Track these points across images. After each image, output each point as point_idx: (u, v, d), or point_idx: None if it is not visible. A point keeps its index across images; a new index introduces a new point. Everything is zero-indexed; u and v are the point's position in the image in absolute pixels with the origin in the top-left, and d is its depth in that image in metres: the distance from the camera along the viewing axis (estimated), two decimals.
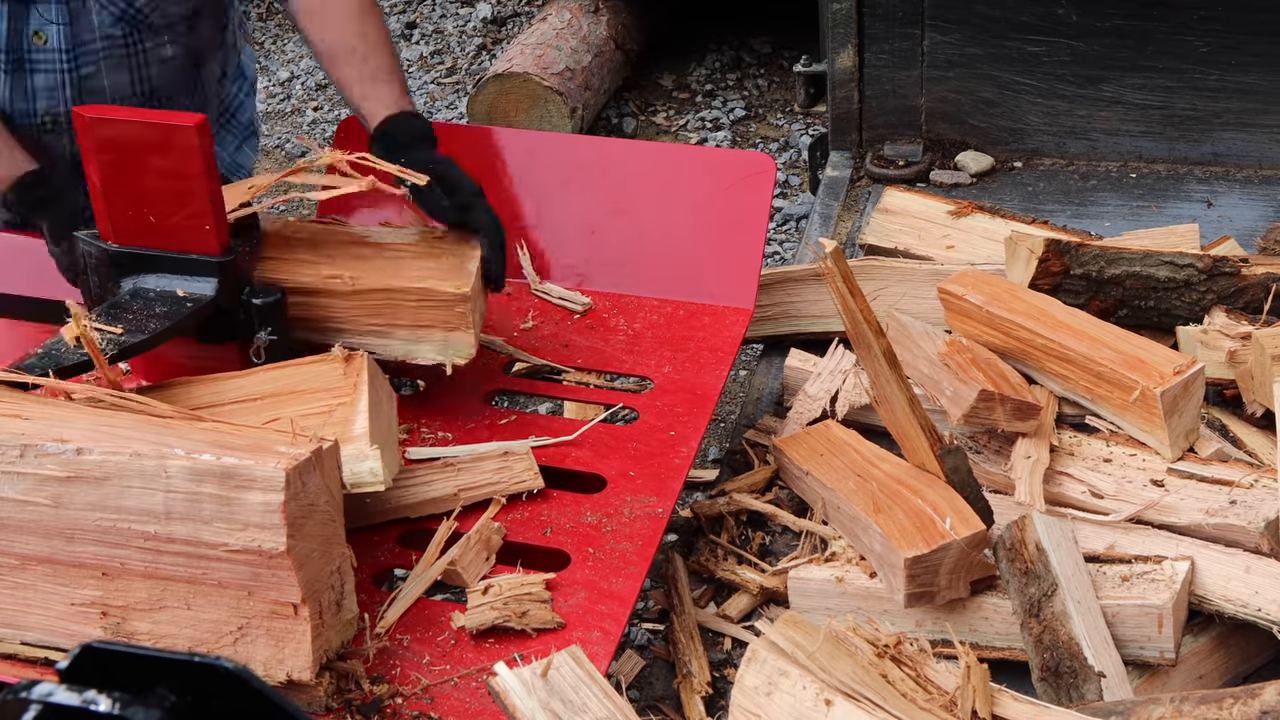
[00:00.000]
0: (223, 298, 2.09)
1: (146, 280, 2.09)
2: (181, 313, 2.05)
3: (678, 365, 2.35)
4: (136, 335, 2.00)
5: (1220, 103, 3.19)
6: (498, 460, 2.11)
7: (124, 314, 2.04)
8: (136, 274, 2.09)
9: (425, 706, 1.81)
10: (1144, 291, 2.41)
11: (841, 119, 3.42)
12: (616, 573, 1.98)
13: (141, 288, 2.09)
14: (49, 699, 1.02)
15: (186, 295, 2.07)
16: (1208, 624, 2.00)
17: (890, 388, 2.07)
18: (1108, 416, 2.22)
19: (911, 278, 2.63)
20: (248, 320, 2.11)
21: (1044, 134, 3.33)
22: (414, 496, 2.07)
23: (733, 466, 2.46)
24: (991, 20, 3.25)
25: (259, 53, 5.95)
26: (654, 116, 5.31)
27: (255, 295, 2.10)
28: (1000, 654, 2.00)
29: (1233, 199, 3.13)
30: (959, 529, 1.95)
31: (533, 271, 2.55)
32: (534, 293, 2.51)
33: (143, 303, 2.06)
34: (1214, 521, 2.01)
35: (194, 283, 2.08)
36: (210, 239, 2.07)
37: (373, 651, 1.84)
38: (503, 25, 5.96)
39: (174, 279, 2.09)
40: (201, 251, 2.08)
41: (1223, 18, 3.12)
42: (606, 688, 1.73)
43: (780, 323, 2.70)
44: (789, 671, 1.75)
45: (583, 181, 2.59)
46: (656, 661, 2.17)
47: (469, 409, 2.27)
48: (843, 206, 3.25)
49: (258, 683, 1.06)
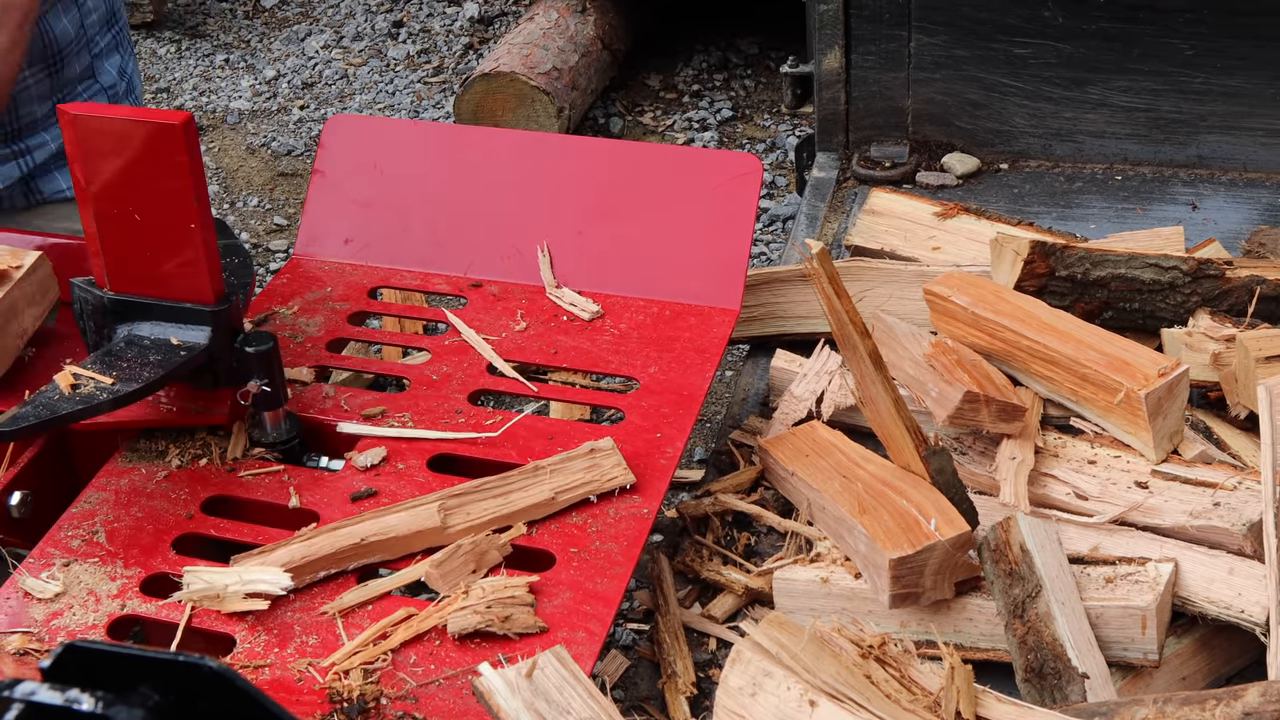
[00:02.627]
0: (216, 345, 2.10)
1: (141, 328, 2.12)
2: (175, 361, 2.08)
3: (663, 366, 2.35)
4: (130, 384, 2.03)
5: (1205, 105, 3.20)
6: (586, 458, 2.10)
7: (118, 361, 2.07)
8: (131, 321, 2.12)
9: (410, 707, 1.81)
10: (1129, 294, 2.42)
11: (828, 120, 3.42)
12: (601, 573, 1.98)
13: (136, 335, 2.11)
14: (31, 698, 1.01)
15: (180, 343, 2.09)
16: (1191, 625, 2.00)
17: (875, 389, 2.07)
18: (1092, 418, 2.23)
19: (897, 279, 2.63)
20: (241, 367, 2.12)
21: (1030, 136, 3.33)
22: (512, 505, 2.06)
23: (718, 467, 2.46)
24: (978, 22, 3.25)
25: (244, 51, 5.94)
26: (641, 117, 5.31)
27: (248, 343, 2.12)
28: (984, 655, 2.00)
29: (1218, 201, 3.14)
30: (944, 530, 1.96)
31: (550, 275, 2.53)
32: (549, 296, 2.49)
33: (137, 350, 2.09)
34: (1198, 523, 2.02)
35: (187, 331, 2.11)
36: (204, 287, 2.08)
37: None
38: (490, 25, 5.95)
39: (168, 326, 2.11)
40: (195, 300, 2.10)
41: (1208, 21, 3.12)
42: (591, 688, 1.73)
43: (766, 323, 2.70)
44: (773, 672, 1.75)
45: (569, 182, 2.59)
46: (641, 662, 2.17)
47: (453, 409, 2.27)
48: (829, 207, 3.25)
49: (242, 682, 1.06)
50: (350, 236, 2.63)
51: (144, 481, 2.16)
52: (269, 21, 6.17)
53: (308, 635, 1.92)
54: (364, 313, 2.55)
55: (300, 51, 5.91)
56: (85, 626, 1.96)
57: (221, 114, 5.52)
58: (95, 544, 2.06)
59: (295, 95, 5.62)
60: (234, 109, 5.54)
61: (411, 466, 2.17)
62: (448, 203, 2.61)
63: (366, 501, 2.11)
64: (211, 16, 6.23)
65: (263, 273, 4.53)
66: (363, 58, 5.83)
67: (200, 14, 6.24)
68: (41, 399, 2.01)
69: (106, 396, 2.01)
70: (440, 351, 2.41)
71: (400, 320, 3.06)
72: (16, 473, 2.14)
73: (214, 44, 6.02)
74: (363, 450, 2.19)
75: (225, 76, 5.79)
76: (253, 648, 1.91)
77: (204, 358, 2.10)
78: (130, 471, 2.18)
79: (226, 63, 5.87)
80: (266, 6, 6.25)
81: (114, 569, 2.02)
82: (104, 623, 1.96)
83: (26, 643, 1.91)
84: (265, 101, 5.60)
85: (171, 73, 5.81)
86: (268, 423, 2.20)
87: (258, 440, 2.21)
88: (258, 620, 1.94)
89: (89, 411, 2.01)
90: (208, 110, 5.56)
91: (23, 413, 1.98)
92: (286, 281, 2.58)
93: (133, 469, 2.18)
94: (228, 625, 1.94)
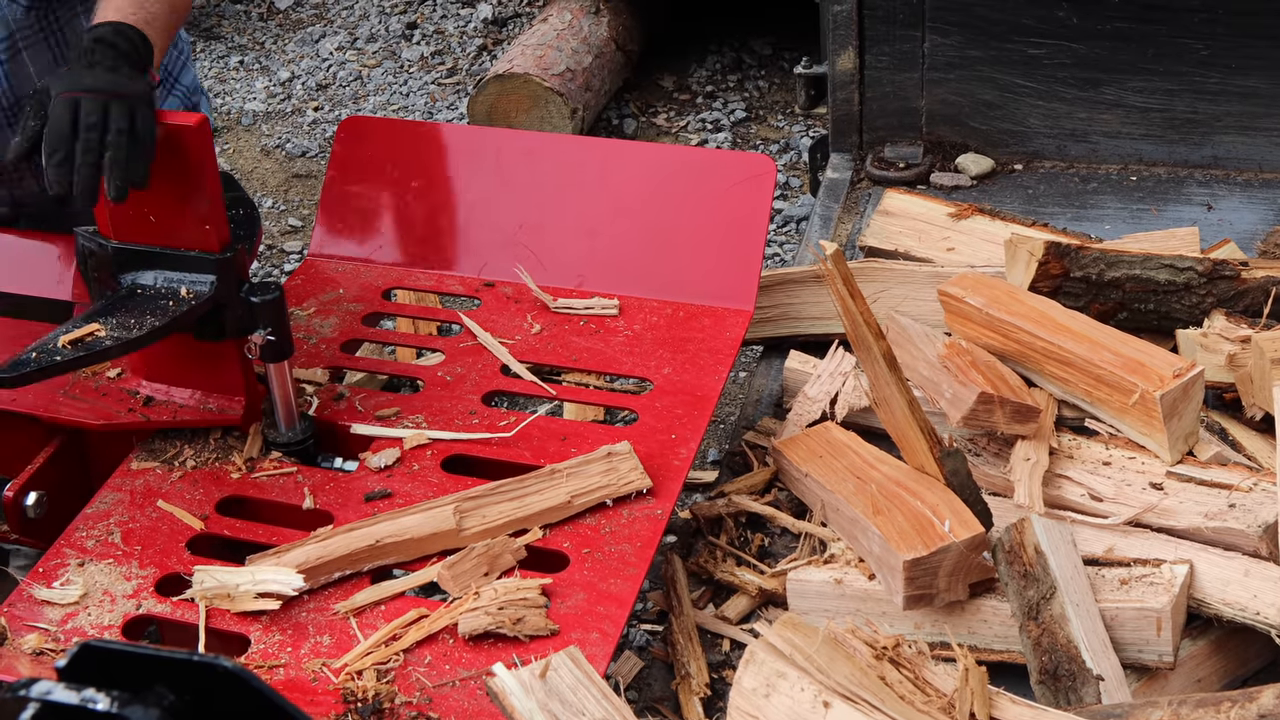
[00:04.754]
0: (221, 294, 2.08)
1: (145, 276, 2.09)
2: (180, 309, 2.05)
3: (677, 367, 2.35)
4: (134, 331, 2.00)
5: (1220, 106, 3.19)
6: (603, 462, 2.10)
7: (122, 310, 2.04)
8: (135, 270, 2.09)
9: (424, 707, 1.81)
10: (1144, 294, 2.41)
11: (842, 121, 3.42)
12: (615, 574, 1.98)
13: (140, 284, 2.09)
14: (47, 697, 1.02)
15: (185, 292, 2.08)
16: (1206, 627, 1.99)
17: (890, 390, 2.07)
18: (1107, 419, 2.22)
19: (911, 280, 2.62)
20: (246, 317, 2.10)
21: (1044, 136, 3.32)
22: (527, 508, 2.06)
23: (732, 468, 2.46)
24: (992, 23, 3.25)
25: (259, 52, 5.95)
26: (654, 118, 5.31)
27: (254, 293, 2.10)
28: (999, 657, 2.00)
29: (1233, 202, 3.13)
30: (958, 531, 1.95)
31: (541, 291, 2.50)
32: (555, 310, 2.47)
33: (141, 299, 2.06)
34: (1213, 525, 2.01)
35: (193, 279, 2.08)
36: (210, 236, 2.07)
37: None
38: (503, 26, 5.96)
39: (173, 275, 2.09)
40: (201, 248, 2.08)
41: (1223, 21, 3.12)
42: (605, 689, 1.74)
43: (780, 324, 2.70)
44: (787, 673, 1.75)
45: (583, 183, 2.59)
46: (655, 663, 2.17)
47: (467, 409, 2.28)
48: (843, 208, 3.25)
49: (256, 682, 1.06)
50: (364, 238, 2.63)
51: (159, 482, 2.17)
52: (283, 23, 6.18)
53: (322, 635, 1.93)
54: (378, 314, 2.55)
55: (315, 53, 5.92)
56: (101, 626, 1.96)
57: (236, 116, 5.53)
58: (110, 544, 2.07)
59: (310, 97, 5.63)
60: (249, 111, 5.55)
61: (426, 467, 2.17)
62: (461, 204, 2.61)
63: (381, 502, 2.11)
64: (226, 18, 6.24)
65: (277, 274, 4.54)
66: (377, 59, 5.83)
67: (215, 16, 6.25)
68: (42, 346, 1.97)
69: (110, 344, 1.98)
70: (454, 352, 2.41)
71: (414, 321, 3.06)
72: (33, 473, 2.15)
73: (228, 46, 6.03)
74: (377, 451, 2.19)
75: (240, 78, 5.80)
76: (267, 647, 1.92)
77: (209, 306, 2.08)
78: (145, 472, 2.18)
79: (241, 64, 5.88)
80: (281, 8, 6.26)
81: (129, 569, 2.03)
82: (119, 622, 1.97)
83: (43, 642, 1.92)
84: (280, 103, 5.60)
85: None
86: (282, 423, 2.20)
87: (273, 441, 2.21)
88: (272, 620, 1.94)
89: (91, 358, 1.98)
90: (222, 112, 5.57)
91: (24, 358, 1.95)
92: (301, 283, 2.58)
93: (147, 469, 2.19)
94: (242, 625, 1.95)
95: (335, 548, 1.99)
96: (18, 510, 2.11)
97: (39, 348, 1.97)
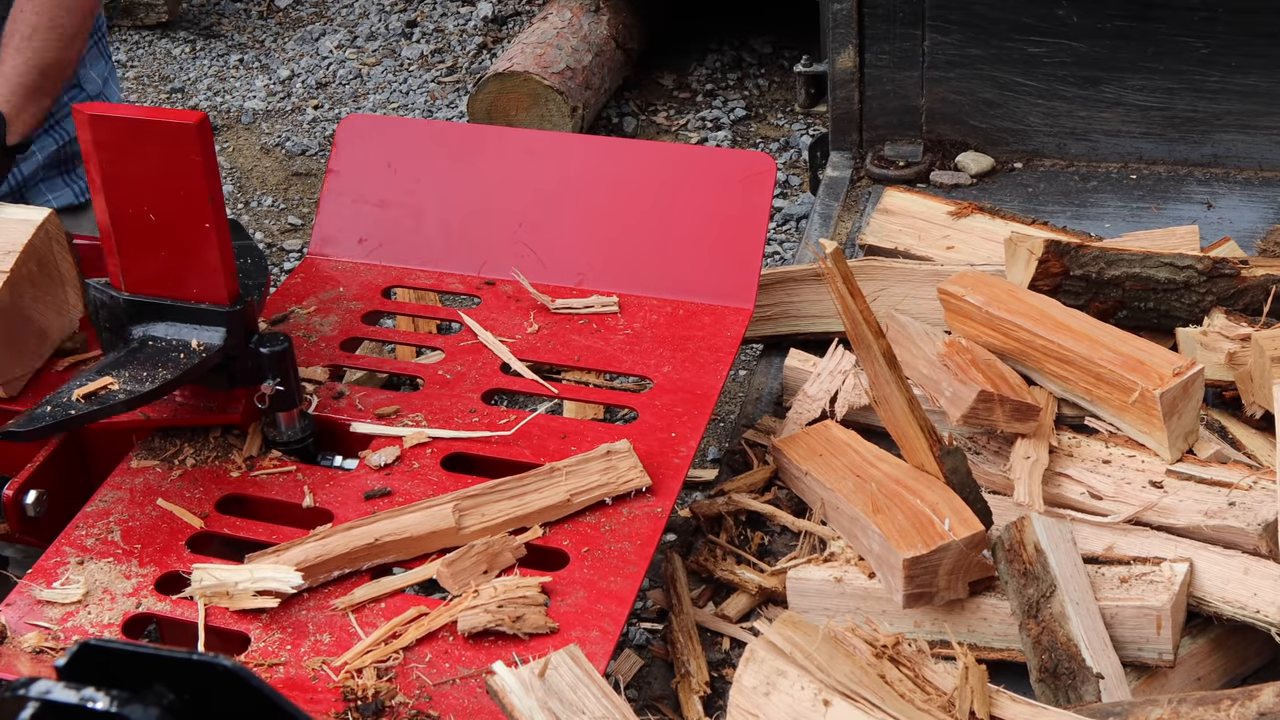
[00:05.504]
0: (231, 346, 2.11)
1: (156, 328, 2.12)
2: (190, 361, 2.08)
3: (677, 365, 2.35)
4: (147, 384, 2.04)
5: (1221, 104, 3.19)
6: (603, 460, 2.10)
7: (135, 363, 2.07)
8: (147, 322, 2.13)
9: (424, 705, 1.82)
10: (1143, 293, 2.41)
11: (842, 119, 3.42)
12: (615, 572, 1.99)
13: (152, 335, 2.11)
14: (47, 696, 1.02)
15: (196, 344, 2.10)
16: (1206, 626, 2.00)
17: (889, 388, 2.07)
18: (1107, 418, 2.22)
19: (911, 278, 2.62)
20: (255, 368, 2.12)
21: (1044, 135, 3.32)
22: (527, 506, 2.06)
23: (732, 466, 2.46)
24: (992, 21, 3.25)
25: (259, 51, 5.95)
26: (654, 116, 5.31)
27: (263, 344, 2.12)
28: (998, 655, 2.00)
29: (1233, 200, 3.13)
30: (958, 530, 1.95)
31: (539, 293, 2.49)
32: (554, 311, 2.48)
33: (153, 351, 2.09)
34: (1213, 523, 2.01)
35: (203, 331, 2.11)
36: (219, 289, 2.09)
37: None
38: (503, 24, 5.96)
39: (183, 327, 2.12)
40: (211, 301, 2.10)
41: (1223, 19, 3.11)
42: (604, 687, 1.74)
43: (780, 323, 2.70)
44: (787, 671, 1.75)
45: (583, 181, 2.59)
46: (655, 661, 2.17)
47: (467, 408, 2.28)
48: (843, 207, 3.25)
49: (256, 681, 1.06)
50: (364, 236, 2.63)
51: (159, 480, 2.17)
52: (283, 21, 6.18)
53: (321, 633, 1.93)
54: (378, 312, 2.55)
55: (314, 51, 5.92)
56: (100, 625, 1.96)
57: (236, 114, 5.53)
58: (110, 543, 2.07)
59: (309, 95, 5.63)
60: (248, 109, 5.55)
61: (425, 465, 2.17)
62: (461, 202, 2.61)
63: (380, 500, 2.11)
64: (226, 16, 6.24)
65: (277, 272, 4.54)
66: (376, 57, 5.83)
67: (215, 14, 6.25)
68: (57, 399, 2.01)
69: (123, 397, 2.02)
70: (454, 351, 2.41)
71: (414, 319, 3.06)
72: (32, 471, 2.15)
73: (228, 44, 6.03)
74: (376, 449, 2.19)
75: (240, 76, 5.80)
76: (267, 646, 1.92)
77: (219, 358, 2.11)
78: (145, 471, 2.18)
79: (241, 63, 5.88)
80: (281, 6, 6.26)
81: (129, 567, 2.03)
82: (119, 621, 1.97)
83: (42, 641, 1.92)
84: (279, 101, 5.60)
85: (186, 73, 5.83)
86: (282, 422, 2.20)
87: (272, 440, 2.21)
88: (272, 618, 1.94)
89: (105, 412, 2.02)
90: (222, 110, 5.57)
91: (39, 413, 1.99)
92: (301, 281, 2.58)
93: (147, 468, 2.19)
94: (242, 623, 1.95)
95: (335, 546, 1.99)
96: (18, 509, 2.11)
97: (53, 401, 2.02)
